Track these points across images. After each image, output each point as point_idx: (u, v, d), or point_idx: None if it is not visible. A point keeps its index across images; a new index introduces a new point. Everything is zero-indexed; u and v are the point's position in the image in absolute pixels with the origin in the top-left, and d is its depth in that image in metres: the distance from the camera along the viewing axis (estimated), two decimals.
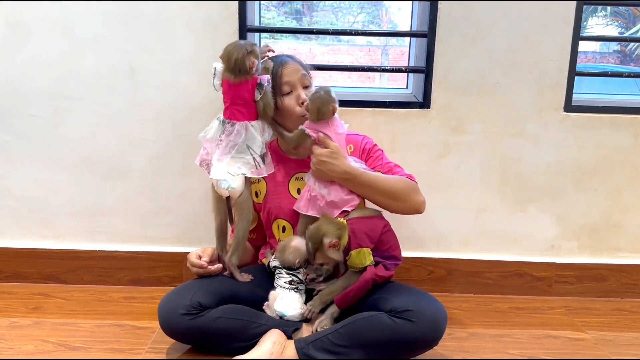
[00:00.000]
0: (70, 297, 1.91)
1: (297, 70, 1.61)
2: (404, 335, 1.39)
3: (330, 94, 1.53)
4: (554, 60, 1.87)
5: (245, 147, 1.51)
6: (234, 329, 1.48)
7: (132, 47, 1.85)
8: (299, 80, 1.60)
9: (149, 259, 1.99)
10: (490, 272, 2.00)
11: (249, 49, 1.48)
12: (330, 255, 1.47)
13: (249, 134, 1.51)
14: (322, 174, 1.54)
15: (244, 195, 1.53)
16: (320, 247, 1.47)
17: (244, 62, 1.47)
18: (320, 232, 1.47)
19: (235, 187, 1.51)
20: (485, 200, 1.97)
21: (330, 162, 1.52)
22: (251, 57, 1.48)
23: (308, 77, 1.64)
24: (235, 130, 1.51)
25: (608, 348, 1.65)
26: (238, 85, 1.50)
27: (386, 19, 6.57)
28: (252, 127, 1.52)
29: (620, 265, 2.01)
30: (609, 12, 8.06)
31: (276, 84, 1.58)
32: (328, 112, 1.53)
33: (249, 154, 1.52)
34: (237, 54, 1.47)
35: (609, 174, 1.96)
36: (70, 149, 1.93)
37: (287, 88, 1.59)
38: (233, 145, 1.51)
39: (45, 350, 1.55)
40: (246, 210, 1.55)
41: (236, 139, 1.50)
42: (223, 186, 1.50)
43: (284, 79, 1.59)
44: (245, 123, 1.51)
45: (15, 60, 1.86)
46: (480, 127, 1.92)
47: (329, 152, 1.52)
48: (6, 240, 2.00)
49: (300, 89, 1.60)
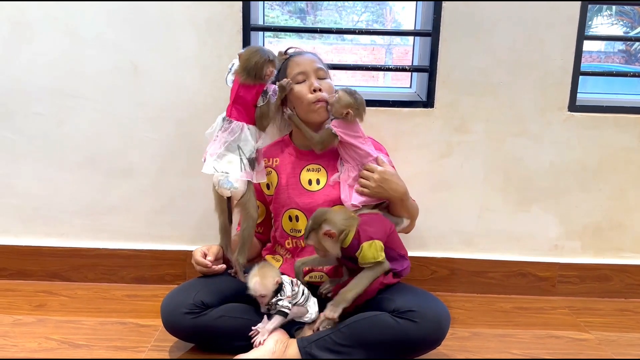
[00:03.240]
0: (73, 295, 1.91)
1: (312, 61, 1.63)
2: (406, 336, 1.39)
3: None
4: (558, 59, 1.86)
5: (236, 146, 1.51)
6: (236, 328, 1.48)
7: (136, 46, 1.85)
8: (314, 71, 1.62)
9: (152, 257, 2.00)
10: (493, 271, 2.00)
11: (271, 57, 1.50)
12: (322, 242, 1.45)
13: (243, 135, 1.51)
14: (382, 192, 1.56)
15: (247, 195, 1.53)
16: (317, 230, 1.45)
17: (262, 68, 1.49)
18: (324, 217, 1.45)
19: (238, 188, 1.50)
20: (489, 200, 1.97)
21: (394, 182, 1.56)
22: (270, 66, 1.50)
23: (324, 70, 1.65)
24: (231, 128, 1.51)
25: (611, 348, 1.65)
26: (246, 87, 1.51)
27: (390, 18, 6.56)
28: (248, 130, 1.52)
29: (623, 266, 2.00)
30: (614, 12, 8.02)
31: (289, 72, 1.61)
32: (364, 113, 1.59)
33: (237, 154, 1.51)
34: (259, 58, 1.49)
35: (613, 173, 1.96)
36: (74, 148, 1.93)
37: (301, 77, 1.61)
38: (224, 142, 1.51)
39: (48, 347, 1.56)
40: (250, 210, 1.55)
41: (229, 137, 1.51)
42: (226, 186, 1.49)
43: (299, 68, 1.61)
44: (242, 124, 1.51)
45: (18, 58, 1.87)
46: (483, 127, 1.91)
47: (394, 172, 1.57)
48: (10, 238, 2.01)
49: (314, 78, 1.61)
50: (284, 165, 1.69)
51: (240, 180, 1.50)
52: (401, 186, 1.58)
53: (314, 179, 1.65)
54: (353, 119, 1.57)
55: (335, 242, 1.45)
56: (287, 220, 1.65)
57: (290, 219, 1.65)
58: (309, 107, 1.59)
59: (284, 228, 1.66)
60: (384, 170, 1.56)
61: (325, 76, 1.65)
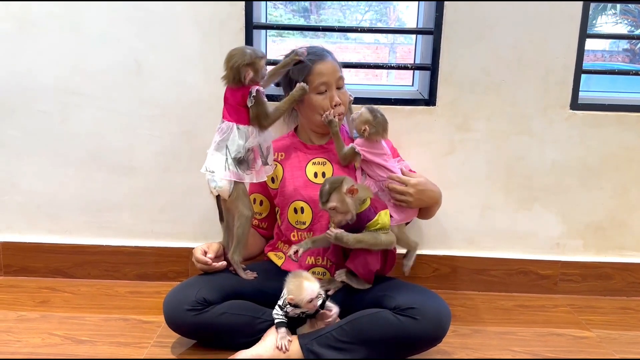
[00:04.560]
0: (77, 292, 1.92)
1: (335, 71, 1.64)
2: (407, 333, 1.40)
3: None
4: (561, 57, 1.86)
5: (224, 145, 1.53)
6: (238, 325, 1.49)
7: (139, 44, 1.86)
8: (335, 82, 1.64)
9: (155, 254, 2.00)
10: (495, 269, 2.00)
11: (248, 61, 1.48)
12: (345, 200, 1.45)
13: (231, 134, 1.52)
14: (421, 202, 1.62)
15: (234, 194, 1.54)
16: (339, 188, 1.46)
17: (238, 72, 1.49)
18: (341, 178, 1.49)
19: (222, 187, 1.52)
20: (491, 198, 1.97)
21: (429, 189, 1.62)
22: (248, 68, 1.48)
23: (343, 78, 1.67)
24: (221, 128, 1.54)
25: (613, 346, 1.65)
26: (232, 90, 1.53)
27: (394, 17, 6.56)
28: (237, 130, 1.52)
29: (625, 264, 2.00)
30: (619, 11, 8.00)
31: (310, 79, 1.61)
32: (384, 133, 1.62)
33: (224, 153, 1.52)
34: (235, 61, 1.48)
35: (615, 172, 1.95)
36: (77, 145, 1.94)
37: (323, 87, 1.62)
38: (215, 142, 1.54)
39: (52, 343, 1.57)
40: (241, 208, 1.55)
41: (217, 137, 1.54)
42: (211, 185, 1.53)
43: (322, 78, 1.61)
44: (231, 124, 1.52)
45: (22, 56, 1.88)
46: (485, 125, 1.91)
47: (425, 179, 1.62)
48: (14, 234, 2.02)
49: (335, 90, 1.63)
50: (290, 158, 1.71)
51: (224, 180, 1.52)
52: (436, 192, 1.65)
53: (320, 172, 1.67)
54: (371, 137, 1.59)
55: (355, 203, 1.48)
56: (293, 212, 1.66)
57: (296, 211, 1.66)
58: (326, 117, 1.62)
59: (289, 220, 1.67)
60: (417, 182, 1.59)
61: (343, 85, 1.68)
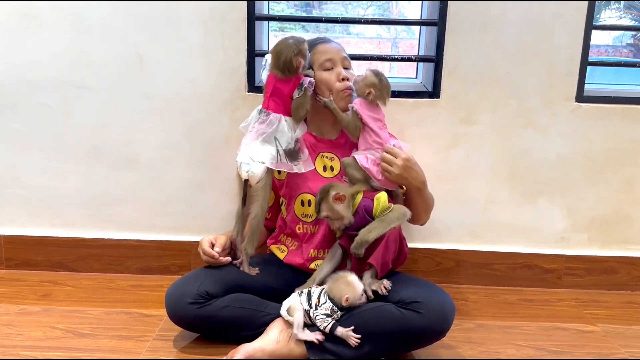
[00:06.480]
0: (79, 285, 1.92)
1: (339, 50, 1.66)
2: (411, 327, 1.39)
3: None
4: (566, 50, 1.84)
5: (273, 138, 1.55)
6: (241, 318, 1.49)
7: (141, 37, 1.85)
8: (340, 60, 1.64)
9: (157, 247, 2.00)
10: (499, 263, 1.99)
11: (296, 50, 1.52)
12: (335, 207, 1.47)
13: (280, 126, 1.55)
14: (402, 179, 1.56)
15: (262, 182, 1.55)
16: (326, 197, 1.48)
17: (291, 63, 1.53)
18: (329, 186, 1.50)
19: (255, 172, 1.53)
20: (495, 192, 1.96)
21: (415, 170, 1.56)
22: (299, 57, 1.53)
23: (349, 60, 1.68)
24: (268, 119, 1.55)
25: (617, 341, 1.64)
26: (283, 81, 1.55)
27: (396, 12, 6.53)
28: (285, 122, 1.55)
29: (630, 258, 1.99)
30: (622, 5, 7.97)
31: (315, 58, 1.62)
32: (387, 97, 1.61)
33: (274, 145, 1.55)
34: (286, 54, 1.52)
35: (620, 165, 1.94)
36: (80, 138, 1.93)
37: (329, 64, 1.62)
38: (262, 133, 1.55)
39: (53, 336, 1.56)
40: (261, 197, 1.57)
41: (267, 128, 1.55)
42: (244, 169, 1.53)
43: (327, 55, 1.63)
44: (279, 115, 1.55)
45: (24, 49, 1.87)
46: (490, 118, 1.90)
47: (416, 162, 1.57)
48: (16, 228, 2.01)
49: (341, 67, 1.63)
50: None
51: (259, 166, 1.53)
52: (421, 175, 1.59)
53: (328, 165, 1.67)
54: (374, 100, 1.58)
55: (347, 206, 1.48)
56: (300, 205, 1.66)
57: (303, 204, 1.65)
58: (337, 95, 1.61)
59: (295, 212, 1.67)
60: (407, 157, 1.55)
61: (350, 66, 1.67)
